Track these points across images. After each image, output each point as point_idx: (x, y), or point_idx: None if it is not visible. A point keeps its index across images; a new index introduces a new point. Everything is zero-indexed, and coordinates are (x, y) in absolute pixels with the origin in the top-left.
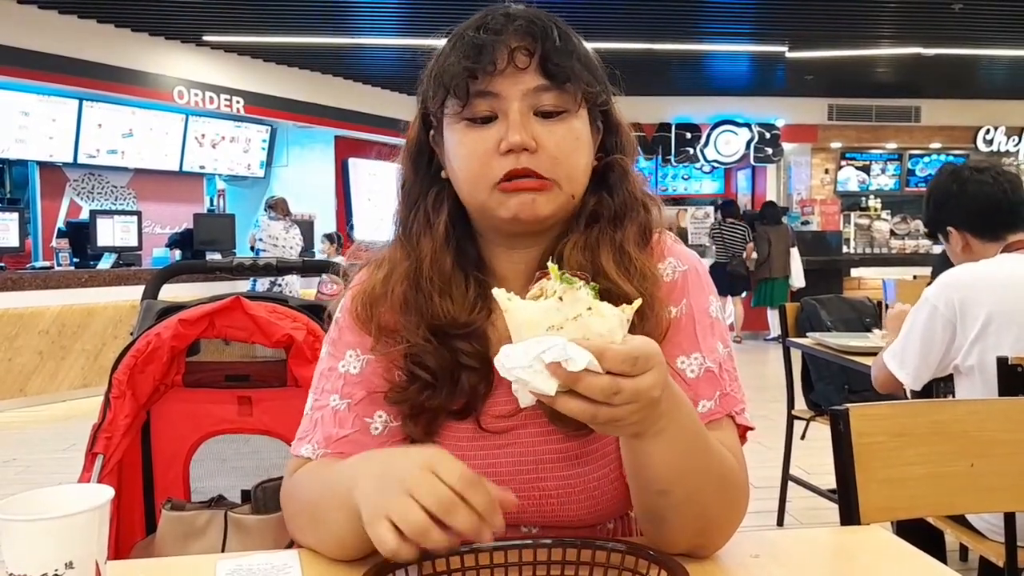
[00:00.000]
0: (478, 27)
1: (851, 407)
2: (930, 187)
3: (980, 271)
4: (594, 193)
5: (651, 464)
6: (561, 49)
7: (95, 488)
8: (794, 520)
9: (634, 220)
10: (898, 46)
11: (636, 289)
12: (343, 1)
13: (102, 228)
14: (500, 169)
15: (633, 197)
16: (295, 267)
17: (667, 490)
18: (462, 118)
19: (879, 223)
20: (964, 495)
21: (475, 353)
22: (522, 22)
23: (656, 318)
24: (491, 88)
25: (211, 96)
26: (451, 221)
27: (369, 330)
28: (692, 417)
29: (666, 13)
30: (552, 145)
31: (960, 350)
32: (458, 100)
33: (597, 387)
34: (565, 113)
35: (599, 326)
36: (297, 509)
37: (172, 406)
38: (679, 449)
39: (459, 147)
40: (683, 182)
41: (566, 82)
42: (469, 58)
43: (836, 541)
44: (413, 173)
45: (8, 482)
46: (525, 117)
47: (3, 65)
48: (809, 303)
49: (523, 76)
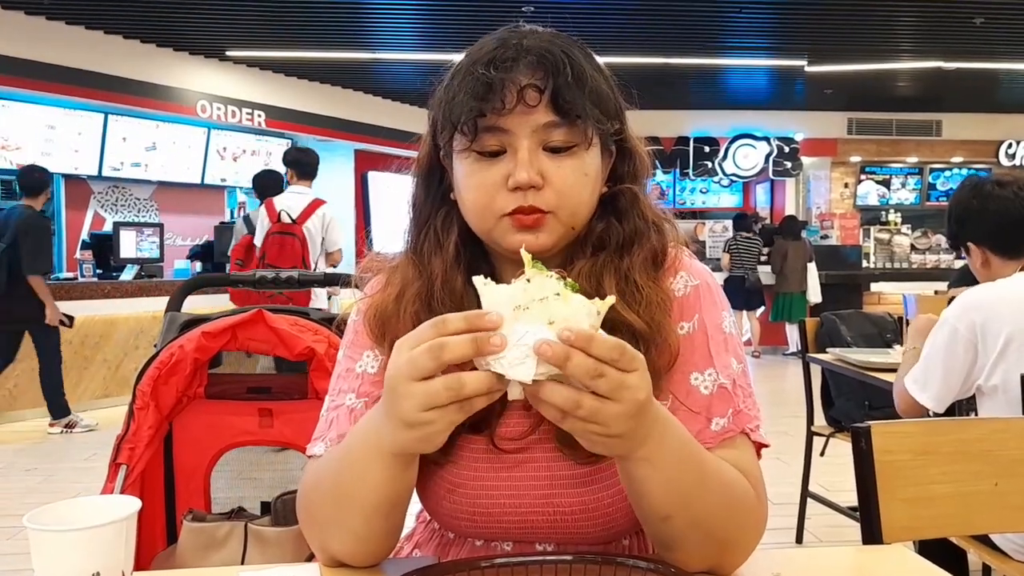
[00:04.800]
0: (488, 62)
1: (873, 425)
2: (952, 201)
3: (999, 291)
4: (602, 219)
5: (646, 492)
6: (573, 85)
7: (122, 499)
8: (813, 537)
9: (644, 246)
10: (919, 60)
11: (641, 319)
12: (363, 17)
13: (125, 240)
14: (507, 204)
15: (644, 222)
16: (316, 280)
17: (670, 516)
18: (471, 151)
19: (899, 237)
20: (988, 514)
21: None
22: (533, 57)
23: (664, 345)
24: (500, 124)
25: (233, 110)
26: (461, 241)
27: (384, 344)
28: (684, 442)
29: (685, 28)
30: (559, 180)
31: (983, 371)
32: (466, 137)
33: (583, 367)
34: (575, 148)
35: (563, 310)
36: (316, 499)
37: (194, 418)
38: (671, 475)
39: (467, 179)
40: (701, 195)
41: (577, 119)
42: (478, 97)
43: (858, 560)
44: (424, 192)
45: (30, 491)
46: (533, 154)
47: (31, 79)
48: (829, 318)
49: (533, 113)
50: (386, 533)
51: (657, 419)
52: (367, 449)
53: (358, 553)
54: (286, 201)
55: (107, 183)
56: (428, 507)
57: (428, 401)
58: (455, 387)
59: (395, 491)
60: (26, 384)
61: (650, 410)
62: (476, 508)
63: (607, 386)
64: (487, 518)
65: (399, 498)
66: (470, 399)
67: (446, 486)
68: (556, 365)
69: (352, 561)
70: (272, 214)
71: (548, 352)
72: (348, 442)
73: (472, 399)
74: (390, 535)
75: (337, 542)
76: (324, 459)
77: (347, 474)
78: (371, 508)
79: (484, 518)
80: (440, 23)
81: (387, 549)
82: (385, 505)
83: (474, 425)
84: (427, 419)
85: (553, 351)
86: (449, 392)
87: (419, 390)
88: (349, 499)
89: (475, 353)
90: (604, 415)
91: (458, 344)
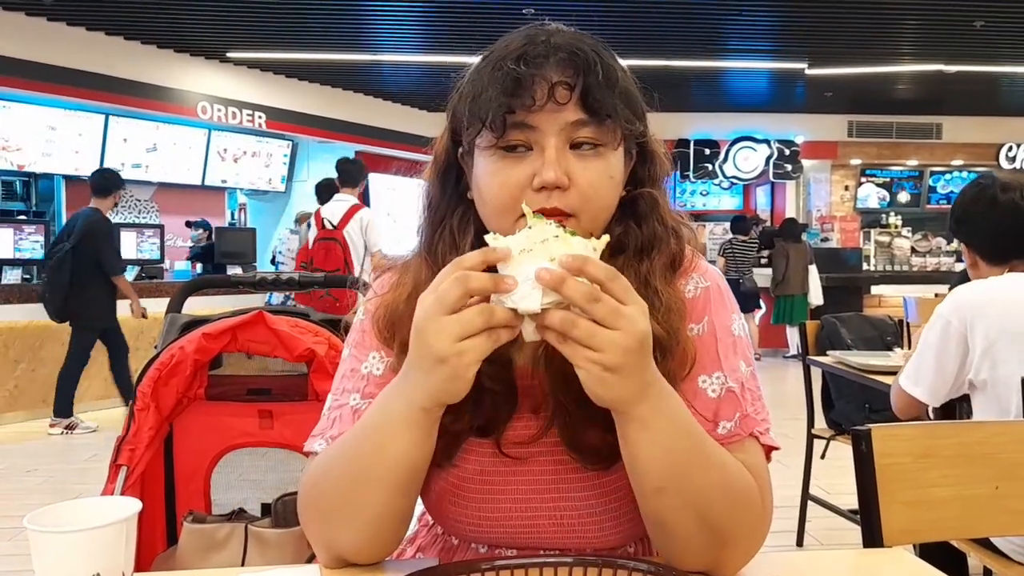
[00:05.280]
0: (518, 57)
1: (874, 427)
2: (957, 198)
3: (990, 289)
4: (621, 223)
5: (641, 456)
6: (603, 84)
7: (123, 501)
8: (814, 540)
9: (663, 251)
10: (919, 63)
11: (659, 324)
12: (364, 19)
13: (125, 241)
14: (530, 204)
15: (663, 227)
16: (317, 282)
17: (663, 488)
18: (496, 148)
19: (900, 240)
20: (989, 518)
21: (499, 377)
22: (564, 54)
23: (681, 351)
24: (528, 121)
25: (234, 111)
26: (478, 241)
27: (391, 346)
28: (682, 413)
29: (686, 30)
30: (585, 183)
31: (971, 364)
32: (493, 133)
33: (579, 289)
34: (602, 147)
35: (563, 248)
36: (327, 487)
37: (194, 419)
38: (667, 443)
39: (491, 177)
40: (701, 198)
41: (607, 118)
42: (507, 93)
43: (859, 563)
44: (440, 191)
45: (30, 491)
46: (561, 153)
47: (32, 80)
48: (829, 321)
49: (562, 110)
50: (400, 515)
51: (656, 382)
52: (389, 418)
53: (366, 543)
54: (330, 208)
55: None
56: (432, 511)
57: (462, 330)
58: (486, 313)
59: (416, 460)
60: (26, 385)
61: (649, 362)
62: (481, 512)
63: (603, 310)
64: (492, 523)
65: (417, 470)
66: (497, 330)
67: (451, 490)
68: (554, 288)
69: (358, 556)
70: (318, 221)
71: (546, 277)
72: (364, 421)
73: (499, 330)
74: (402, 521)
75: (347, 532)
76: (334, 446)
77: (366, 449)
78: (392, 482)
79: (489, 523)
80: (440, 25)
81: (395, 541)
82: (405, 478)
83: (481, 429)
84: (461, 349)
85: (551, 275)
86: (482, 317)
87: (452, 320)
88: (366, 477)
89: (493, 288)
90: (601, 339)
91: (479, 277)
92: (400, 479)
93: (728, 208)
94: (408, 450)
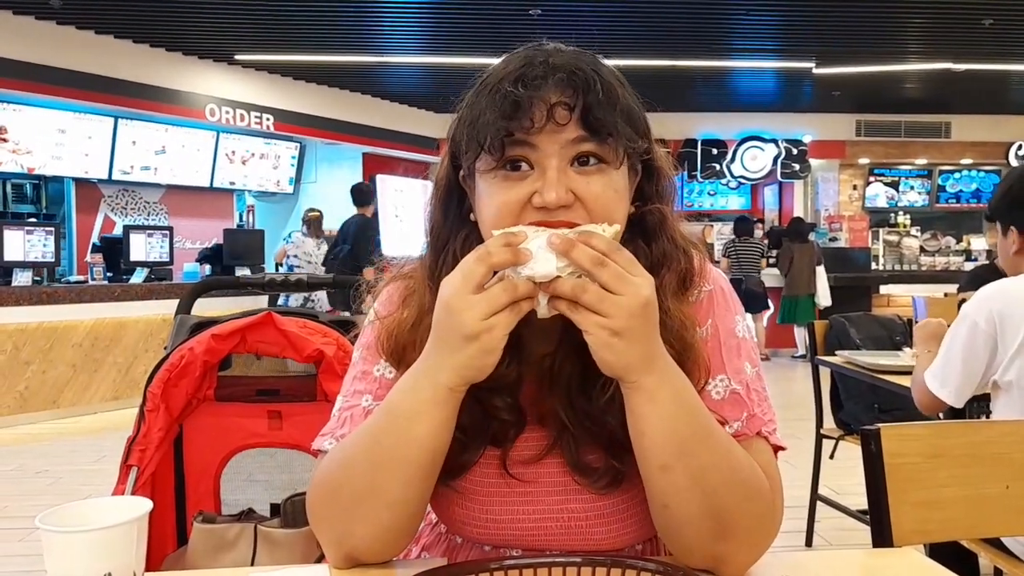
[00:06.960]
0: (516, 79)
1: (883, 427)
2: (1013, 178)
3: (1019, 286)
4: (629, 242)
5: (647, 429)
6: (604, 103)
7: (134, 500)
8: (823, 540)
9: (673, 268)
10: (927, 61)
11: (673, 347)
12: (371, 21)
13: (135, 243)
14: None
15: (673, 244)
16: (325, 283)
17: (668, 465)
18: (496, 170)
19: (908, 240)
20: (1000, 518)
21: (507, 406)
22: (563, 74)
23: (693, 366)
24: (528, 140)
25: (242, 113)
26: None
27: (398, 368)
28: (690, 393)
29: (693, 30)
30: (591, 199)
31: (1000, 365)
32: (492, 156)
33: (586, 253)
34: (604, 164)
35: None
36: (343, 478)
37: (204, 420)
38: (674, 417)
39: (491, 198)
40: (709, 198)
41: (608, 137)
42: (505, 116)
43: (868, 564)
44: (442, 217)
45: (40, 492)
46: (562, 172)
47: (41, 84)
48: (838, 320)
49: (562, 130)
50: (416, 504)
51: (663, 357)
52: (413, 400)
53: (381, 536)
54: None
55: (117, 187)
56: (438, 511)
57: (489, 306)
58: (510, 287)
59: (439, 443)
60: (37, 386)
61: (655, 332)
62: (488, 515)
63: (609, 274)
64: (498, 524)
65: (439, 454)
66: (519, 303)
67: (459, 493)
68: (564, 253)
69: (370, 551)
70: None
71: (557, 242)
72: (388, 405)
73: (520, 303)
74: (416, 513)
75: (364, 523)
76: (351, 437)
77: (391, 431)
78: (415, 464)
79: (496, 524)
80: (448, 27)
81: (409, 534)
82: (427, 460)
83: (492, 437)
84: (489, 324)
85: (561, 240)
86: (506, 292)
87: (480, 299)
88: (390, 458)
89: (514, 260)
90: (609, 303)
91: (500, 251)
92: (423, 462)
93: (736, 208)
94: (435, 430)
